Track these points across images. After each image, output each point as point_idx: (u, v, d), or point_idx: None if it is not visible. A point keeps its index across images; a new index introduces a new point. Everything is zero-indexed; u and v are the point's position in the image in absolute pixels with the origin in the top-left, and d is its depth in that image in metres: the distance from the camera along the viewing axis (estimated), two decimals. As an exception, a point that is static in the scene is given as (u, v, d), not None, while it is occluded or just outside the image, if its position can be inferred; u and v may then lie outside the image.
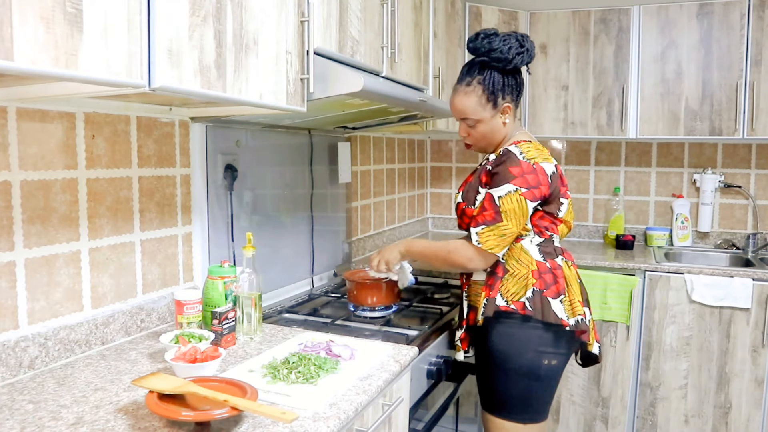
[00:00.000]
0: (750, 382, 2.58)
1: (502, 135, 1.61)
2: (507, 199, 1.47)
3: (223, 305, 1.50)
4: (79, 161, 1.36)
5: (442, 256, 1.57)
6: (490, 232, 1.48)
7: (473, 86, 1.56)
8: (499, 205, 1.47)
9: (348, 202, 2.56)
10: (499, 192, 1.47)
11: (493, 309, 1.53)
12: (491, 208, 1.48)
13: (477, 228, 1.49)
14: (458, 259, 1.54)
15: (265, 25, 1.28)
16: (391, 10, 1.81)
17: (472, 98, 1.56)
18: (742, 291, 2.53)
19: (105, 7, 0.91)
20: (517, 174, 1.47)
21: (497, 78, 1.55)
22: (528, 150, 1.52)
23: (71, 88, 1.06)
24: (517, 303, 1.52)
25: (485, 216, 1.48)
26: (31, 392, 1.16)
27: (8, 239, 1.22)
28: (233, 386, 1.10)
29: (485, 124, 1.58)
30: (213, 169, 1.72)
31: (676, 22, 2.82)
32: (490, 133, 1.60)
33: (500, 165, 1.50)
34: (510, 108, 1.59)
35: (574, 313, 1.55)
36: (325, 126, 2.21)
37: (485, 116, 1.57)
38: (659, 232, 3.17)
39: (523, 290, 1.53)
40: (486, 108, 1.56)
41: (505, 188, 1.47)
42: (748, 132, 2.72)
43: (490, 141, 1.62)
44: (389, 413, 1.31)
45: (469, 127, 1.61)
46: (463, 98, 1.58)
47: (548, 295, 1.53)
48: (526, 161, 1.49)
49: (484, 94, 1.55)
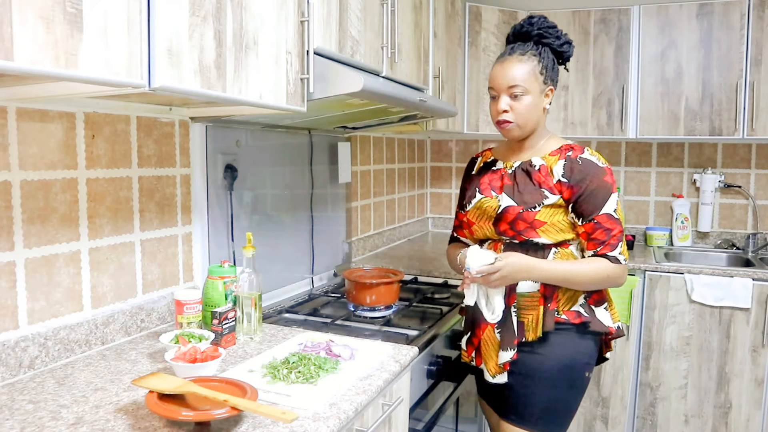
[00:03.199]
0: (750, 382, 2.58)
1: (539, 120, 1.55)
2: (619, 208, 1.48)
3: (223, 305, 1.50)
4: (79, 161, 1.36)
5: (599, 281, 1.48)
6: (624, 246, 1.49)
7: (528, 56, 1.50)
8: (618, 217, 1.47)
9: (348, 202, 2.56)
10: (612, 206, 1.46)
11: (553, 322, 1.47)
12: (616, 224, 1.46)
13: (618, 249, 1.47)
14: (615, 281, 1.48)
15: (265, 25, 1.28)
16: (391, 10, 1.81)
17: (528, 66, 1.49)
18: (742, 291, 2.53)
19: (105, 6, 0.91)
20: (611, 181, 1.47)
21: (550, 56, 1.53)
22: (597, 154, 1.52)
23: (71, 88, 1.06)
24: (568, 313, 1.49)
25: (617, 236, 1.46)
26: (31, 392, 1.16)
27: (8, 239, 1.21)
28: (233, 386, 1.10)
29: (532, 98, 1.50)
30: (213, 169, 1.72)
31: (676, 22, 2.82)
32: (533, 109, 1.51)
33: (591, 178, 1.46)
34: (552, 93, 1.55)
35: (615, 319, 1.55)
36: (325, 126, 2.21)
37: (535, 88, 1.50)
38: (659, 232, 3.17)
39: (573, 299, 1.50)
40: (538, 80, 1.50)
41: (613, 200, 1.46)
42: (748, 132, 2.72)
43: (528, 121, 1.52)
44: (389, 413, 1.31)
45: (513, 99, 1.50)
46: (518, 65, 1.49)
47: (592, 303, 1.52)
48: (605, 166, 1.49)
49: (539, 66, 1.50)
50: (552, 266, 1.46)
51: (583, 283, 1.47)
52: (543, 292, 1.49)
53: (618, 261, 1.46)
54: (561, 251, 1.51)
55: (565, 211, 1.49)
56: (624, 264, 1.47)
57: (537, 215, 1.47)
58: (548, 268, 1.46)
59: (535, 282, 1.49)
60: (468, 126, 2.88)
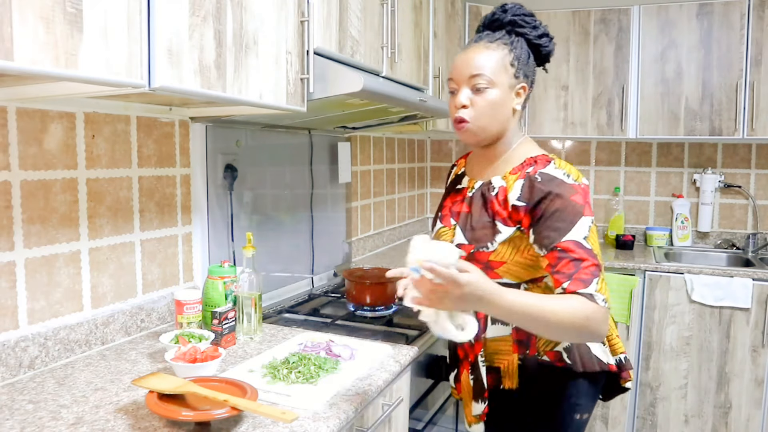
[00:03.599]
0: (750, 382, 2.58)
1: (506, 123, 1.27)
2: (592, 236, 1.14)
3: (223, 305, 1.50)
4: (79, 161, 1.36)
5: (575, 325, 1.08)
6: (602, 284, 1.12)
7: (497, 44, 1.25)
8: (591, 248, 1.13)
9: (348, 202, 2.56)
10: (581, 232, 1.13)
11: (535, 368, 1.26)
12: (587, 256, 1.12)
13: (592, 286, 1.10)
14: (595, 328, 1.09)
15: (265, 25, 1.28)
16: (391, 10, 1.81)
17: (496, 54, 1.24)
18: (742, 291, 2.53)
19: (105, 7, 0.91)
20: (582, 202, 1.16)
21: (524, 47, 1.27)
22: (567, 167, 1.22)
23: (71, 88, 1.06)
24: (550, 353, 1.25)
25: (589, 269, 1.11)
26: (31, 392, 1.16)
27: (8, 239, 1.21)
28: (233, 386, 1.10)
29: (498, 92, 1.23)
30: (213, 169, 1.72)
31: (676, 22, 2.82)
32: (498, 107, 1.24)
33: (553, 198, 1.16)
34: (525, 91, 1.28)
35: (616, 351, 1.32)
36: (325, 126, 2.21)
37: (503, 81, 1.23)
38: (659, 232, 3.17)
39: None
40: (507, 73, 1.24)
41: (584, 225, 1.14)
42: (748, 132, 2.72)
43: (492, 121, 1.25)
44: (389, 413, 1.31)
45: (476, 93, 1.24)
46: (485, 52, 1.24)
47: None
48: (577, 183, 1.19)
49: (510, 56, 1.25)
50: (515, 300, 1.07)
51: (555, 325, 1.08)
52: (516, 336, 1.27)
53: (595, 301, 1.08)
54: (533, 288, 1.26)
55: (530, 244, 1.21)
56: (605, 307, 1.09)
57: (491, 255, 1.22)
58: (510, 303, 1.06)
59: (504, 325, 1.27)
60: (468, 126, 2.87)
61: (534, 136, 3.05)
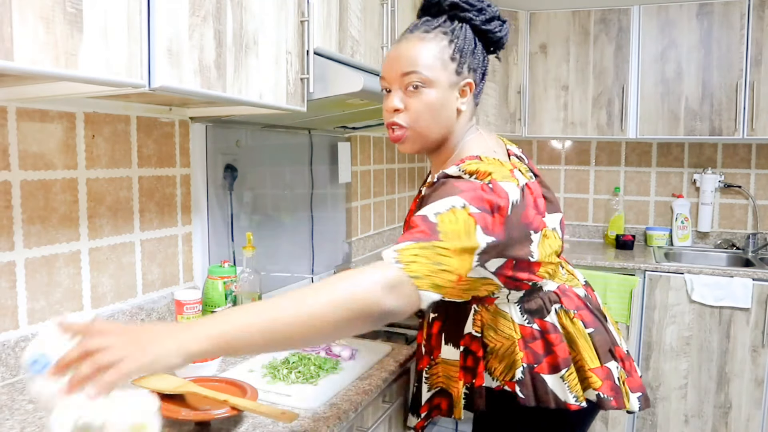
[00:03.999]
0: (750, 382, 2.58)
1: (450, 127, 1.09)
2: (447, 217, 0.92)
3: (223, 305, 1.50)
4: (79, 161, 1.36)
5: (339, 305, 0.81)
6: (420, 251, 0.87)
7: (435, 34, 1.06)
8: (436, 222, 0.91)
9: (348, 202, 2.56)
10: (436, 208, 0.93)
11: (483, 400, 1.13)
12: (423, 224, 0.91)
13: (398, 246, 0.89)
14: (367, 295, 0.82)
15: (265, 25, 1.28)
16: (391, 10, 1.81)
17: (432, 46, 1.05)
18: (742, 291, 2.53)
19: (105, 6, 0.91)
20: (466, 189, 0.96)
21: (469, 35, 1.07)
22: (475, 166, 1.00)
23: (71, 88, 1.06)
24: (510, 384, 1.11)
25: (413, 233, 0.90)
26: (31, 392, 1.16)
27: (8, 239, 1.21)
28: (233, 386, 1.10)
29: (437, 92, 1.05)
30: (213, 169, 1.72)
31: (676, 22, 2.82)
32: (437, 110, 1.05)
33: (437, 187, 1.01)
34: (471, 88, 1.09)
35: (588, 385, 1.11)
36: (325, 126, 2.21)
37: (441, 79, 1.05)
38: (659, 232, 3.17)
39: (511, 368, 1.11)
40: (446, 68, 1.05)
41: (445, 203, 0.93)
42: (748, 132, 2.72)
43: (431, 127, 1.07)
44: (389, 413, 1.31)
45: (409, 94, 1.06)
46: (418, 44, 1.05)
47: (541, 371, 1.09)
48: (479, 181, 0.99)
49: (449, 48, 1.05)
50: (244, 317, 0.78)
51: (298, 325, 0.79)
52: (463, 363, 1.15)
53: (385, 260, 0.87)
54: (482, 310, 1.14)
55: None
56: (397, 268, 0.85)
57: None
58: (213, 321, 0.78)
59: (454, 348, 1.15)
60: (468, 126, 2.87)
61: (534, 136, 3.07)
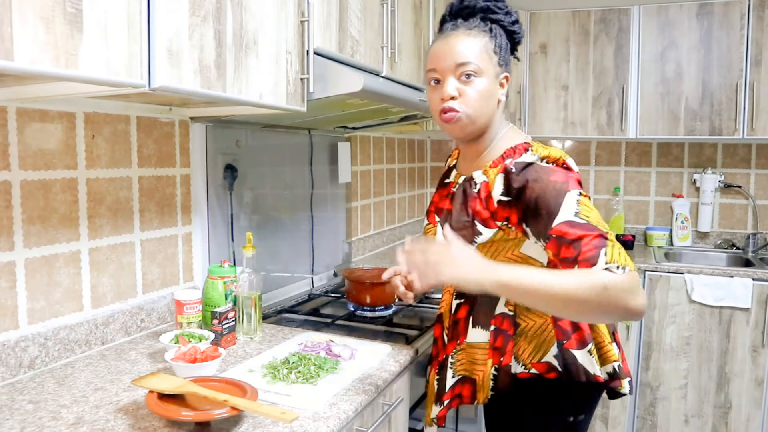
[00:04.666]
0: (750, 382, 2.58)
1: (492, 114, 1.19)
2: (584, 210, 1.04)
3: (223, 305, 1.50)
4: (79, 161, 1.36)
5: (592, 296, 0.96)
6: (613, 250, 0.99)
7: (477, 32, 1.17)
8: (586, 222, 1.02)
9: (348, 202, 2.56)
10: (571, 209, 1.03)
11: (509, 379, 1.17)
12: (584, 231, 1.01)
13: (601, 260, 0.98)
14: (620, 298, 0.97)
15: (265, 25, 1.28)
16: (391, 10, 1.81)
17: (479, 41, 1.16)
18: (742, 291, 2.53)
19: (105, 6, 0.91)
20: (563, 179, 1.07)
21: (504, 36, 1.20)
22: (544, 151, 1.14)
23: (71, 88, 1.06)
24: (538, 365, 1.16)
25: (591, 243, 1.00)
26: (31, 392, 1.16)
27: (8, 239, 1.21)
28: (233, 386, 1.10)
29: (487, 80, 1.16)
30: (213, 169, 1.72)
31: (676, 22, 2.82)
32: (488, 99, 1.17)
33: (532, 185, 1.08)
34: (508, 80, 1.22)
35: (607, 359, 1.20)
36: (325, 126, 2.21)
37: (489, 70, 1.16)
38: (659, 232, 3.17)
39: (544, 347, 1.16)
40: (492, 61, 1.16)
41: (571, 201, 1.04)
42: (748, 132, 2.72)
43: (481, 112, 1.17)
44: (389, 413, 1.31)
45: (464, 83, 1.15)
46: (467, 39, 1.16)
47: (570, 347, 1.16)
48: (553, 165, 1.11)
49: (492, 43, 1.17)
50: (517, 273, 1.01)
51: (569, 298, 0.98)
52: (493, 343, 1.20)
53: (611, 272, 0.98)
54: None
55: (514, 244, 1.15)
56: (625, 273, 0.97)
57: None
58: (509, 271, 1.02)
59: (484, 330, 1.20)
60: (468, 126, 2.87)
61: (534, 136, 3.05)
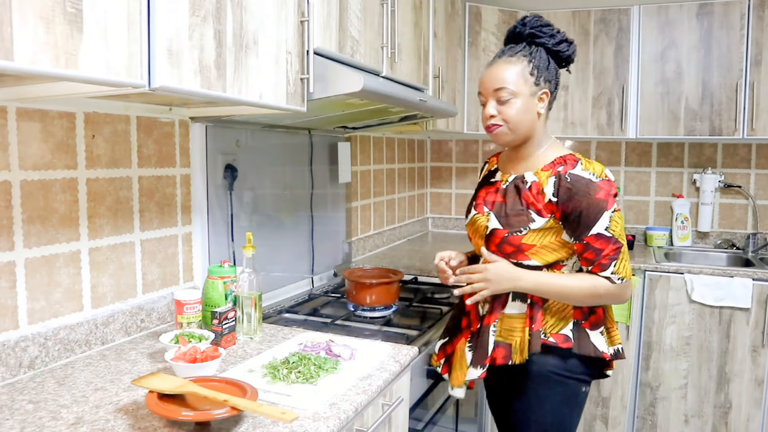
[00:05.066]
0: (750, 382, 2.58)
1: (534, 126, 1.45)
2: (613, 224, 1.37)
3: (223, 305, 1.50)
4: (79, 161, 1.36)
5: (590, 298, 1.39)
6: (621, 263, 1.37)
7: (517, 57, 1.43)
8: (611, 235, 1.36)
9: (348, 202, 2.56)
10: (603, 224, 1.36)
11: (539, 343, 1.40)
12: (607, 243, 1.36)
13: (609, 269, 1.36)
14: (611, 299, 1.40)
15: (265, 25, 1.28)
16: (391, 10, 1.81)
17: (516, 68, 1.42)
18: (742, 291, 2.53)
19: (105, 6, 0.91)
20: (605, 197, 1.36)
21: (543, 56, 1.44)
22: (592, 166, 1.40)
23: (71, 88, 1.06)
24: (556, 336, 1.41)
25: (608, 255, 1.36)
26: (31, 392, 1.16)
27: (8, 239, 1.21)
28: (233, 386, 1.10)
29: (521, 101, 1.42)
30: (213, 169, 1.72)
31: (676, 22, 2.82)
32: (523, 113, 1.42)
33: (580, 198, 1.36)
34: (547, 96, 1.45)
35: (613, 341, 1.47)
36: (325, 126, 2.21)
37: (524, 91, 1.42)
38: (659, 232, 3.17)
39: (563, 323, 1.41)
40: (527, 82, 1.42)
41: (605, 218, 1.36)
42: (748, 132, 2.72)
43: (519, 126, 1.43)
44: (389, 413, 1.31)
45: (501, 104, 1.43)
46: (505, 66, 1.43)
47: (587, 327, 1.43)
48: (600, 180, 1.37)
49: (529, 66, 1.42)
50: (540, 278, 1.40)
51: (575, 298, 1.39)
52: (529, 313, 1.42)
53: (612, 281, 1.37)
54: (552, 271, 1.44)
55: (557, 231, 1.41)
56: (620, 283, 1.37)
57: (524, 239, 1.40)
58: (535, 279, 1.40)
59: (522, 303, 1.43)
60: (468, 126, 2.88)
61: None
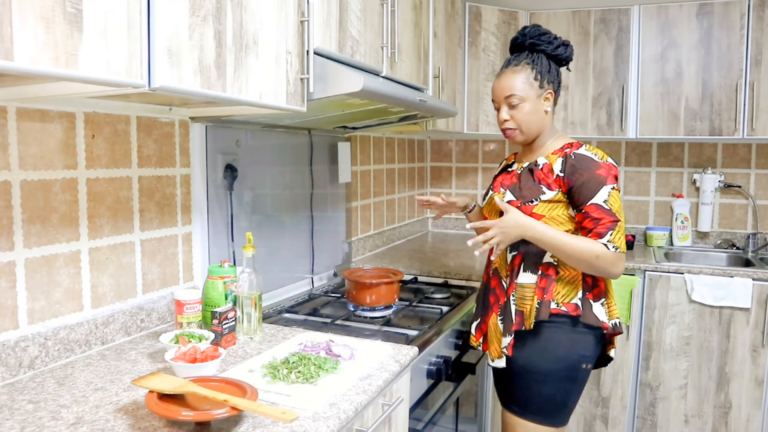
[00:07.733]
0: (750, 382, 2.58)
1: (543, 123, 1.63)
2: (611, 199, 1.51)
3: (223, 305, 1.50)
4: (79, 161, 1.36)
5: (586, 258, 1.49)
6: (617, 234, 1.50)
7: (521, 66, 1.61)
8: (609, 208, 1.50)
9: (348, 202, 2.56)
10: (602, 197, 1.51)
11: (547, 312, 1.54)
12: (605, 215, 1.50)
13: (606, 237, 1.49)
14: (604, 265, 1.50)
15: (265, 25, 1.28)
16: (391, 10, 1.81)
17: (521, 75, 1.60)
18: (742, 291, 2.53)
19: (105, 6, 0.91)
20: (605, 174, 1.52)
21: (544, 61, 1.61)
22: (595, 150, 1.57)
23: (71, 88, 1.06)
24: (568, 305, 1.55)
25: (605, 224, 1.50)
26: (31, 392, 1.16)
27: (8, 239, 1.21)
28: (233, 386, 1.10)
29: (530, 104, 1.60)
30: (213, 169, 1.72)
31: (676, 22, 2.82)
32: (533, 114, 1.61)
33: (582, 171, 1.52)
34: (552, 95, 1.63)
35: (612, 315, 1.60)
36: (325, 126, 2.21)
37: (531, 95, 1.60)
38: (659, 232, 3.17)
39: (573, 292, 1.56)
40: (533, 87, 1.60)
41: (604, 192, 1.51)
42: (748, 132, 2.72)
43: (531, 125, 1.62)
44: (389, 413, 1.31)
45: (512, 108, 1.62)
46: (511, 76, 1.61)
47: (590, 298, 1.56)
48: (602, 161, 1.54)
49: (532, 72, 1.60)
50: (548, 230, 1.53)
51: (571, 254, 1.50)
52: (539, 284, 1.57)
53: (608, 248, 1.49)
54: None
55: (565, 206, 1.56)
56: (614, 252, 1.48)
57: (534, 209, 1.56)
58: (543, 231, 1.53)
59: (533, 274, 1.58)
60: (468, 126, 2.87)
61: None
